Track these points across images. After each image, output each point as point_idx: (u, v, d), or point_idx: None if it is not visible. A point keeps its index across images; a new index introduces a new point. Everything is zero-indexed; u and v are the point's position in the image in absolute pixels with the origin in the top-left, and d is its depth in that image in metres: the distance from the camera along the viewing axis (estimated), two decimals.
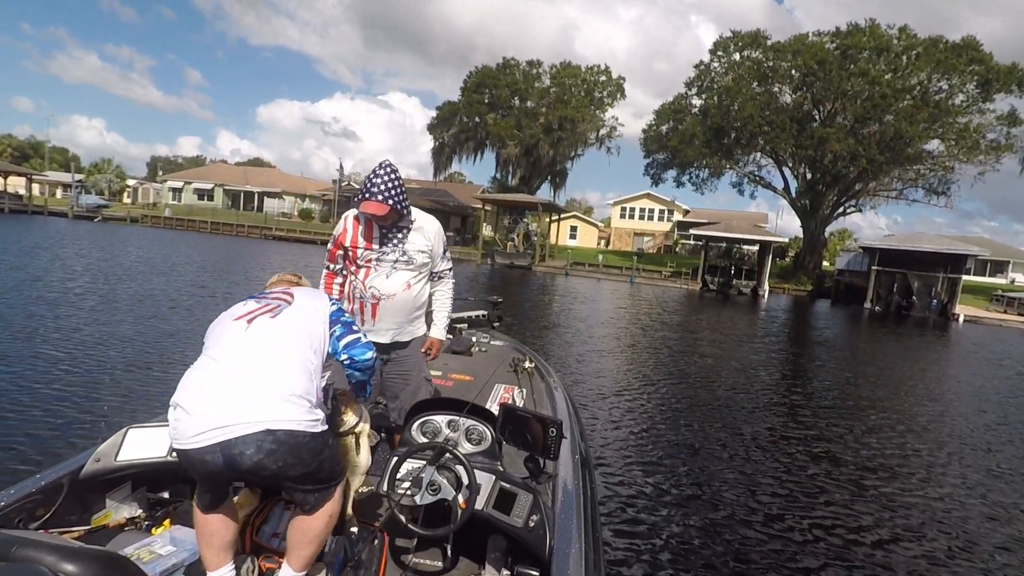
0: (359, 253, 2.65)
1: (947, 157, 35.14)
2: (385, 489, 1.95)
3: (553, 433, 2.07)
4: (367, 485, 2.09)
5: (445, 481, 1.90)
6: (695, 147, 38.13)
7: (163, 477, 2.19)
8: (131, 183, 63.75)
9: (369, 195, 2.46)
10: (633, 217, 55.35)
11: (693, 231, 42.34)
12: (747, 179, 41.78)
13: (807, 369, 11.95)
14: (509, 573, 1.90)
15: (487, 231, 44.88)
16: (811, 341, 16.83)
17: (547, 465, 2.25)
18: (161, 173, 65.67)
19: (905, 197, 39.23)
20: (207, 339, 1.72)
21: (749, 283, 34.22)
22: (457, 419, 2.27)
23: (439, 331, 2.90)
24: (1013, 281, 44.44)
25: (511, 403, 2.41)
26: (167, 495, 2.20)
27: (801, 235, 42.41)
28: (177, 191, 55.44)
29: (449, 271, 2.90)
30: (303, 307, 1.80)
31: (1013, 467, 6.26)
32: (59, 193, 56.83)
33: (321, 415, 1.64)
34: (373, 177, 2.49)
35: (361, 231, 2.64)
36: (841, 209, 40.33)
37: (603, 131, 48.45)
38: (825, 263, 43.87)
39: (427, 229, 2.71)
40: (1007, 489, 5.56)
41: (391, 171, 2.50)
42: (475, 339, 4.68)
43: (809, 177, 39.02)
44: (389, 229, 2.63)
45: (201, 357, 1.66)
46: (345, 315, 1.95)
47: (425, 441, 2.22)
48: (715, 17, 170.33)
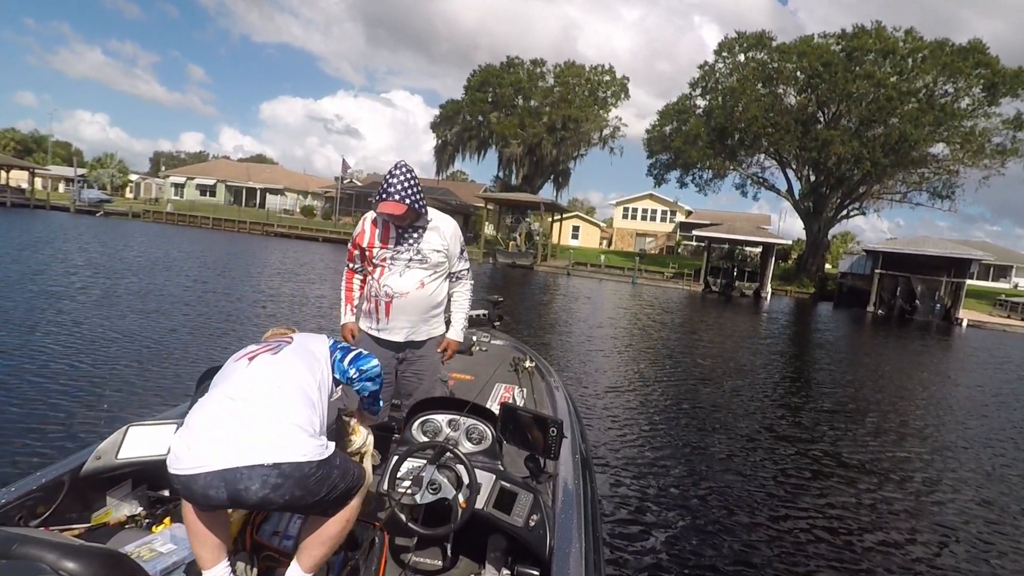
0: (375, 253, 2.67)
1: (952, 161, 35.08)
2: (385, 488, 1.95)
3: (554, 433, 2.07)
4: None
5: (445, 480, 1.90)
6: (699, 148, 38.09)
7: (164, 475, 2.17)
8: (133, 178, 63.86)
9: (386, 195, 2.48)
10: (635, 218, 55.30)
11: (695, 232, 42.34)
12: (750, 181, 41.80)
13: (808, 372, 11.93)
14: (509, 572, 1.89)
15: (489, 230, 44.90)
16: (813, 344, 16.82)
17: (547, 465, 2.25)
18: (164, 168, 65.77)
19: (909, 200, 39.20)
20: (213, 383, 1.73)
21: (751, 285, 34.19)
22: (458, 418, 2.26)
23: (456, 332, 2.89)
24: (1016, 286, 44.30)
25: (512, 403, 2.41)
26: (168, 493, 2.19)
27: (804, 237, 42.37)
28: (179, 187, 55.60)
29: (467, 271, 2.90)
30: (303, 344, 1.85)
31: (1014, 471, 6.25)
32: (61, 188, 56.85)
33: (325, 440, 1.64)
34: (390, 178, 2.50)
35: (378, 233, 2.67)
36: (844, 212, 40.29)
37: (606, 131, 48.53)
38: (828, 266, 43.77)
39: (443, 229, 2.71)
40: (1008, 491, 5.55)
41: (407, 171, 2.52)
42: (476, 338, 4.67)
43: (813, 179, 39.00)
44: (405, 229, 2.64)
45: (206, 395, 1.68)
46: (342, 343, 2.01)
47: (426, 440, 2.21)
48: (717, 17, 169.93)
